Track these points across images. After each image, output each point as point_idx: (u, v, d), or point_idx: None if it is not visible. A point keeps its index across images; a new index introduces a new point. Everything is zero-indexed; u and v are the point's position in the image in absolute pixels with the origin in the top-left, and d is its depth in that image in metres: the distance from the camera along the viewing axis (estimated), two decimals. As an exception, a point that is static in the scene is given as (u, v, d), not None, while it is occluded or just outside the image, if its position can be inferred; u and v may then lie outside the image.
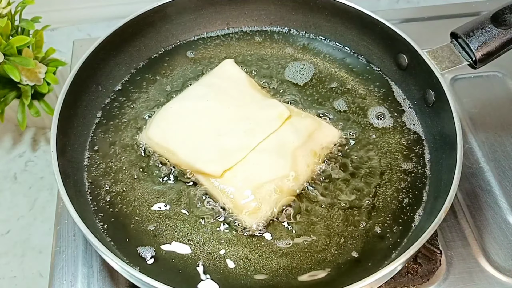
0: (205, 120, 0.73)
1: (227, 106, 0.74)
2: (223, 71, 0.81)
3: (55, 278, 0.70)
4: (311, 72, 0.85)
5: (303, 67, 0.85)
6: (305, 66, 0.86)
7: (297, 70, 0.85)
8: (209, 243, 0.65)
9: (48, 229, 0.85)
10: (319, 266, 0.64)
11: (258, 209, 0.66)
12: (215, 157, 0.69)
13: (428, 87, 0.75)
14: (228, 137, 0.71)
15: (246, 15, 0.90)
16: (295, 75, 0.84)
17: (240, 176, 0.68)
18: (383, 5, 1.20)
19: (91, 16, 1.15)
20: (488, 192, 0.79)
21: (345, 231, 0.67)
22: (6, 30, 0.79)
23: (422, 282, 0.69)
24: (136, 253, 0.64)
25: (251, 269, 0.64)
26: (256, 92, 0.78)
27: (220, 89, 0.77)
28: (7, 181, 0.91)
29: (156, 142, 0.73)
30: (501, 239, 0.74)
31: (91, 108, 0.77)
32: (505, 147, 0.84)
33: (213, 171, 0.68)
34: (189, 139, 0.71)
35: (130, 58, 0.83)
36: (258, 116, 0.73)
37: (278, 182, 0.67)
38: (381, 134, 0.77)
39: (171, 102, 0.77)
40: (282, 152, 0.69)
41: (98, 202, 0.69)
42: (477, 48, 0.69)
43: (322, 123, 0.75)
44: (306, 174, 0.70)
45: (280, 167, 0.68)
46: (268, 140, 0.70)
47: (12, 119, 0.91)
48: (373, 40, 0.83)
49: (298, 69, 0.85)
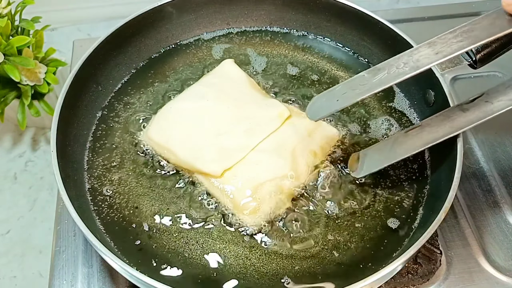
0: (205, 120, 0.73)
1: (227, 106, 0.74)
2: (223, 71, 0.81)
3: (55, 278, 0.70)
4: (311, 72, 0.85)
5: (303, 67, 0.86)
6: (305, 66, 0.86)
7: (297, 70, 0.85)
8: (208, 243, 0.65)
9: (48, 229, 0.85)
10: (319, 266, 0.64)
11: (258, 209, 0.66)
12: (215, 157, 0.69)
13: (428, 87, 0.75)
14: (228, 137, 0.71)
15: (246, 15, 0.90)
16: (295, 75, 0.84)
17: (240, 176, 0.68)
18: (383, 5, 1.20)
19: (91, 16, 1.15)
20: (488, 192, 0.79)
21: (345, 232, 0.67)
22: (6, 30, 0.79)
23: (422, 282, 0.69)
24: (136, 253, 0.64)
25: (251, 269, 0.64)
26: (256, 92, 0.78)
27: (220, 89, 0.77)
28: (7, 181, 0.91)
29: (156, 142, 0.73)
30: (501, 239, 0.74)
31: (91, 108, 0.77)
32: (505, 147, 0.84)
33: (213, 171, 0.68)
34: (189, 139, 0.71)
35: (130, 58, 0.83)
36: (258, 116, 0.73)
37: (278, 182, 0.68)
38: (381, 134, 0.77)
39: (171, 102, 0.77)
40: (282, 152, 0.69)
41: (98, 202, 0.69)
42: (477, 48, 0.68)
43: (322, 123, 0.75)
44: (306, 174, 0.70)
45: (279, 167, 0.68)
46: (268, 140, 0.70)
47: (12, 119, 0.91)
48: (373, 40, 0.84)
49: (298, 69, 0.85)
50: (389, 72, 0.58)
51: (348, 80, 0.62)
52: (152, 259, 0.64)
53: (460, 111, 0.65)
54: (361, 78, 0.60)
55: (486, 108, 0.63)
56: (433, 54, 0.57)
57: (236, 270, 0.63)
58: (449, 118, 0.65)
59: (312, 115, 0.63)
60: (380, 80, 0.58)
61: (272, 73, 0.84)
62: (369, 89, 0.58)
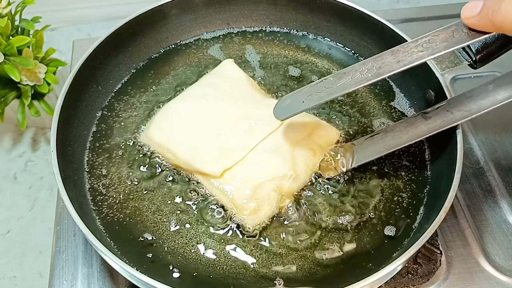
0: (204, 120, 0.73)
1: (226, 106, 0.74)
2: (223, 71, 0.81)
3: (55, 278, 0.70)
4: (311, 72, 0.85)
5: (303, 67, 0.86)
6: (305, 66, 0.86)
7: (297, 70, 0.85)
8: (208, 243, 0.65)
9: (48, 229, 0.85)
10: (319, 267, 0.64)
11: (257, 209, 0.66)
12: (214, 157, 0.69)
13: (428, 87, 0.75)
14: (227, 137, 0.71)
15: (246, 15, 0.90)
16: (295, 75, 0.84)
17: (239, 176, 0.68)
18: (383, 5, 1.20)
19: (91, 16, 1.15)
20: (488, 192, 0.79)
21: (344, 232, 0.67)
22: (6, 30, 0.79)
23: (422, 282, 0.69)
24: (136, 253, 0.64)
25: (250, 268, 0.64)
26: (255, 92, 0.78)
27: (219, 89, 0.77)
28: (7, 181, 0.91)
29: (156, 142, 0.73)
30: (501, 239, 0.74)
31: (91, 108, 0.77)
32: (505, 147, 0.84)
33: (213, 171, 0.68)
34: (188, 139, 0.71)
35: (130, 58, 0.83)
36: (258, 116, 0.73)
37: (278, 182, 0.67)
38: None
39: (171, 102, 0.77)
40: (281, 152, 0.69)
41: (98, 202, 0.69)
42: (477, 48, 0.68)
43: (321, 122, 0.75)
44: (305, 174, 0.70)
45: (279, 166, 0.68)
46: (267, 139, 0.70)
47: (12, 119, 0.91)
48: (373, 40, 0.83)
49: (298, 69, 0.85)
50: (353, 77, 0.60)
51: (314, 82, 0.64)
52: (152, 259, 0.64)
53: (422, 118, 0.69)
54: (326, 82, 0.62)
55: (447, 117, 0.67)
56: (395, 62, 0.59)
57: (236, 270, 0.63)
58: (412, 125, 0.69)
59: (279, 115, 0.65)
60: (343, 84, 0.60)
61: (272, 73, 0.84)
62: (332, 92, 0.61)
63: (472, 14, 0.54)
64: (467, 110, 0.66)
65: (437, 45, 0.57)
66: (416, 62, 0.58)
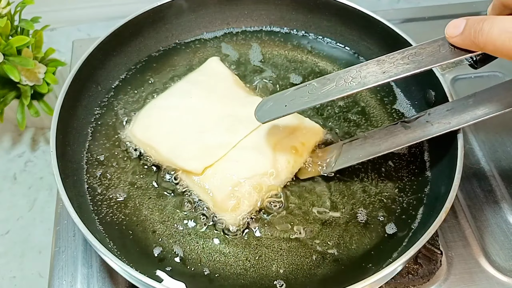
0: (188, 117, 0.73)
1: (210, 103, 0.74)
2: (209, 69, 0.81)
3: (55, 278, 0.69)
4: (312, 72, 0.85)
5: (304, 67, 0.85)
6: (306, 66, 0.86)
7: (297, 70, 0.85)
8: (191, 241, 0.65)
9: (47, 229, 0.84)
10: (319, 267, 0.64)
11: (237, 206, 0.66)
12: (196, 154, 0.69)
13: (429, 87, 0.75)
14: (210, 134, 0.71)
15: (246, 15, 0.90)
16: (295, 75, 0.84)
17: (220, 173, 0.68)
18: (383, 5, 1.20)
19: (90, 16, 1.15)
20: (488, 192, 0.78)
21: (343, 232, 0.67)
22: (5, 30, 0.79)
23: (423, 283, 0.69)
24: (136, 253, 0.64)
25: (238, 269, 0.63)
26: (240, 89, 0.78)
27: (204, 87, 0.77)
28: (7, 181, 0.91)
29: (139, 138, 0.73)
30: (502, 239, 0.74)
31: (90, 108, 0.77)
32: (506, 147, 0.84)
33: (194, 168, 0.68)
34: (171, 136, 0.71)
35: (130, 58, 0.83)
36: (241, 113, 0.72)
37: (258, 180, 0.67)
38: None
39: (156, 99, 0.77)
40: (263, 149, 0.69)
41: (98, 202, 0.69)
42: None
43: (304, 119, 0.75)
44: (287, 171, 0.69)
45: (260, 164, 0.68)
46: (249, 137, 0.70)
47: (12, 119, 0.91)
48: (373, 40, 0.83)
49: (298, 69, 0.85)
50: (337, 84, 0.60)
51: (298, 86, 0.64)
52: (152, 259, 0.64)
53: (402, 127, 0.69)
54: (310, 87, 0.62)
55: (426, 128, 0.67)
56: (380, 73, 0.58)
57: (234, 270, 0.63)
58: (391, 134, 0.69)
59: (260, 117, 0.64)
60: (327, 91, 0.60)
61: (272, 73, 0.84)
62: (315, 99, 0.60)
63: (456, 33, 0.54)
64: (446, 122, 0.66)
65: (423, 59, 0.57)
66: (401, 74, 0.57)
